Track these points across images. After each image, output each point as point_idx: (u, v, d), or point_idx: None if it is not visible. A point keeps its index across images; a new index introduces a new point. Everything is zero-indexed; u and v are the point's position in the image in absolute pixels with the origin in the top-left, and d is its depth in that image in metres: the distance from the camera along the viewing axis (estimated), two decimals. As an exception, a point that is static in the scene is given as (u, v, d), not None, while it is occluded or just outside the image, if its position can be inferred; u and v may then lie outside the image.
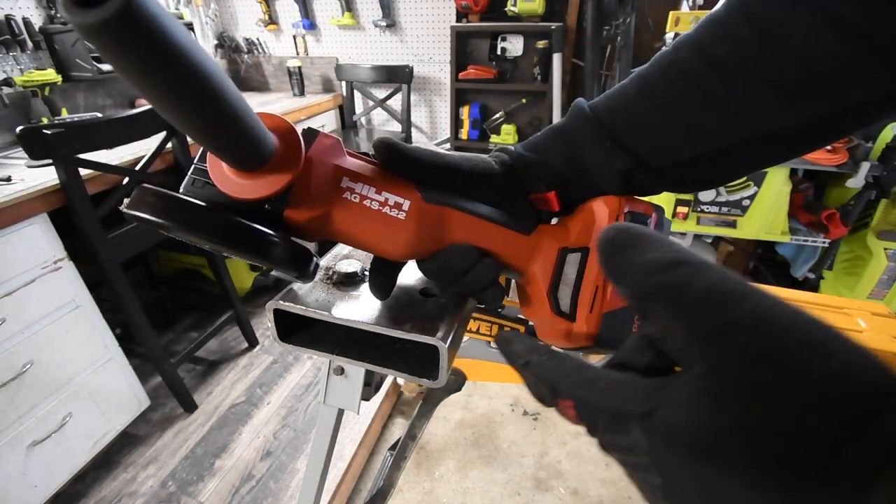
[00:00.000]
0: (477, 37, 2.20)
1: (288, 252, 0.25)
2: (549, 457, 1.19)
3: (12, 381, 1.11)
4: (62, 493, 1.30)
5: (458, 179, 0.29)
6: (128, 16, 0.13)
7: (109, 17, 0.13)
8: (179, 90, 0.17)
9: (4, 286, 1.08)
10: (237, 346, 1.88)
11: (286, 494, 1.30)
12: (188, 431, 1.51)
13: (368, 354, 0.32)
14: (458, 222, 0.29)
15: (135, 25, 0.14)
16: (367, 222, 0.27)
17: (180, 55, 0.16)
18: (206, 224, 0.22)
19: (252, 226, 0.24)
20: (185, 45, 0.16)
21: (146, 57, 0.15)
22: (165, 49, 0.15)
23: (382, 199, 0.27)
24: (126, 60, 0.15)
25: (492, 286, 0.30)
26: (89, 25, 0.13)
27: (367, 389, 0.42)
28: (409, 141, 2.44)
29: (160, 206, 0.21)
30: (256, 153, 0.23)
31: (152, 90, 0.17)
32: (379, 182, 0.27)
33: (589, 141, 0.30)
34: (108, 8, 0.13)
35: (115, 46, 0.14)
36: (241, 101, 0.20)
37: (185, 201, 0.22)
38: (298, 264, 0.26)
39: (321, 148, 0.27)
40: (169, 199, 0.22)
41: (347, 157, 0.28)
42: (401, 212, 0.27)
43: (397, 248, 0.28)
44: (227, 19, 2.65)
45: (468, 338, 0.62)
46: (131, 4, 0.13)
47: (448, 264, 0.29)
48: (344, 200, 0.27)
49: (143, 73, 0.16)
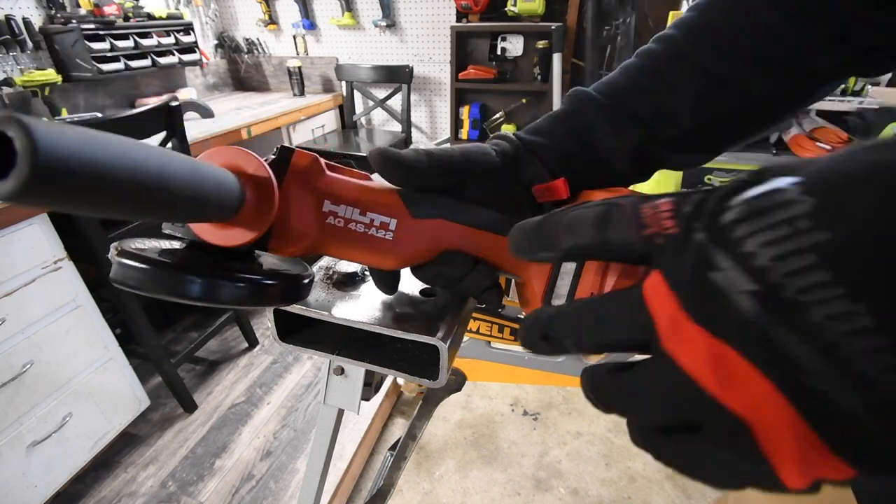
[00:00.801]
0: (477, 37, 2.20)
1: (278, 292, 0.24)
2: (549, 457, 1.19)
3: (12, 381, 1.11)
4: (62, 493, 1.30)
5: (453, 178, 0.28)
6: (40, 178, 0.12)
7: (21, 186, 0.12)
8: (119, 202, 0.16)
9: (4, 286, 1.08)
10: (237, 346, 1.88)
11: (286, 494, 1.30)
12: (188, 431, 1.51)
13: (368, 354, 0.32)
14: (449, 233, 0.28)
15: (52, 181, 0.12)
16: (354, 245, 0.27)
17: (109, 176, 0.14)
18: (181, 289, 0.20)
19: (236, 278, 0.21)
20: (110, 162, 0.14)
21: (76, 197, 0.14)
22: (93, 182, 0.14)
23: (368, 221, 0.26)
24: (58, 206, 0.14)
25: (490, 289, 0.29)
26: (4, 197, 0.12)
27: (367, 389, 0.42)
28: (410, 141, 2.44)
29: (140, 277, 0.20)
30: (223, 210, 0.21)
31: (94, 212, 0.16)
32: (363, 202, 0.26)
33: (598, 119, 0.31)
34: (18, 178, 0.12)
35: (41, 203, 0.13)
36: (194, 171, 0.19)
37: (158, 270, 0.20)
38: (291, 297, 0.25)
39: (298, 170, 0.25)
40: (146, 269, 0.20)
41: (328, 175, 0.26)
42: (388, 232, 0.27)
43: (388, 264, 0.28)
44: (227, 19, 2.65)
45: (468, 338, 0.62)
46: (38, 165, 0.12)
47: (442, 272, 0.29)
48: (328, 226, 0.26)
49: (79, 207, 0.15)
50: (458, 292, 0.30)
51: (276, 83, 2.70)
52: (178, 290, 0.20)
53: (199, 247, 0.23)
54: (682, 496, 1.21)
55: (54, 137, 0.13)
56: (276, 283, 0.23)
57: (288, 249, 0.25)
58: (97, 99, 1.97)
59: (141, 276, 0.20)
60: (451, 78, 2.21)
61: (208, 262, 0.23)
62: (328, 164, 0.27)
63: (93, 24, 1.74)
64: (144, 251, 0.21)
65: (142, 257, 0.20)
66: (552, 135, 0.31)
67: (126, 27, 1.85)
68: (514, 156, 0.30)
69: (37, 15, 1.73)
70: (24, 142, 0.12)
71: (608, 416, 1.56)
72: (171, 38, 2.02)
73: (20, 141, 0.12)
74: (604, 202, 0.17)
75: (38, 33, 1.71)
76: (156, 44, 1.95)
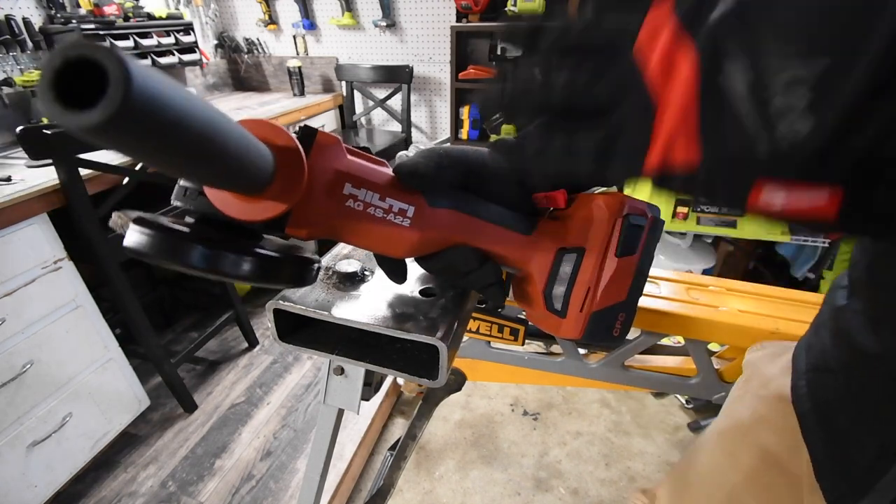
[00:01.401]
0: (477, 37, 2.20)
1: (291, 271, 0.24)
2: (549, 457, 1.19)
3: (12, 381, 1.11)
4: (62, 493, 1.30)
5: (468, 176, 0.29)
6: (129, 110, 0.12)
7: (109, 117, 0.11)
8: (185, 153, 0.16)
9: (4, 286, 1.08)
10: (237, 346, 1.88)
11: (286, 494, 1.30)
12: (188, 431, 1.51)
13: (368, 354, 0.32)
14: (462, 224, 0.29)
15: (137, 116, 0.12)
16: (371, 229, 0.27)
17: (184, 124, 0.14)
18: (198, 259, 0.20)
19: (252, 252, 0.22)
20: (187, 110, 0.14)
21: (152, 139, 0.14)
22: (170, 127, 0.14)
23: (387, 206, 0.27)
24: (130, 147, 0.14)
25: (494, 285, 0.30)
26: (87, 128, 0.12)
27: (367, 389, 0.42)
28: (410, 141, 2.44)
29: (159, 246, 0.20)
30: (259, 181, 0.21)
31: (157, 161, 0.15)
32: (383, 187, 0.27)
33: None
34: (106, 108, 0.11)
35: (118, 140, 0.13)
36: (243, 136, 0.19)
37: (178, 240, 0.20)
38: (302, 279, 0.25)
39: (321, 151, 0.25)
40: (161, 235, 0.20)
41: (348, 158, 0.26)
42: (405, 218, 0.27)
43: (401, 251, 0.28)
44: (227, 19, 2.65)
45: (468, 338, 0.62)
46: (130, 96, 0.12)
47: (451, 265, 0.29)
48: (347, 209, 0.26)
49: (149, 152, 0.15)
50: (464, 286, 0.30)
51: (276, 83, 2.71)
52: (192, 261, 0.20)
53: (209, 222, 0.23)
54: (682, 496, 1.21)
55: (145, 73, 0.12)
56: (290, 260, 0.23)
57: (305, 231, 0.25)
58: (97, 99, 1.97)
59: (160, 244, 0.19)
60: (451, 78, 2.21)
61: (225, 236, 0.22)
62: (348, 149, 0.27)
63: (93, 24, 1.74)
64: (158, 219, 0.20)
65: (162, 226, 0.20)
66: None
67: (126, 27, 1.85)
68: None
69: (37, 15, 1.73)
70: (119, 72, 0.11)
71: (608, 417, 1.56)
72: (170, 38, 2.02)
73: (114, 70, 0.11)
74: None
75: (38, 33, 1.71)
76: (156, 44, 1.95)
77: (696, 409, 1.47)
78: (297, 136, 0.24)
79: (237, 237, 0.23)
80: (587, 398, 1.53)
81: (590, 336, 0.28)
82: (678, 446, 1.36)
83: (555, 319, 0.29)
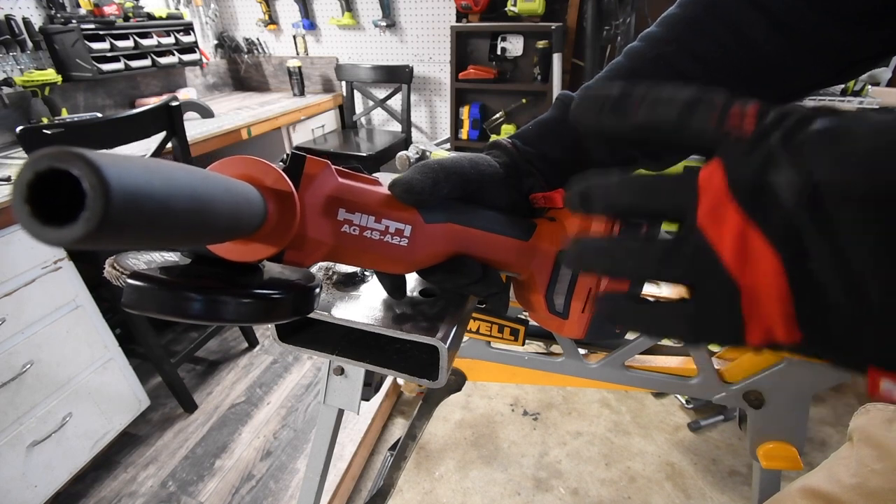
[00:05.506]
0: (477, 37, 2.20)
1: (292, 306, 0.22)
2: (549, 457, 1.19)
3: (12, 381, 1.10)
4: (62, 493, 1.30)
5: (465, 188, 0.29)
6: (111, 218, 0.11)
7: (91, 230, 0.11)
8: (176, 234, 0.15)
9: (4, 286, 1.08)
10: (237, 346, 1.88)
11: (286, 494, 1.30)
12: (188, 431, 1.51)
13: (368, 355, 0.32)
14: (460, 237, 0.29)
15: (121, 220, 0.11)
16: (369, 252, 0.26)
17: (170, 207, 0.13)
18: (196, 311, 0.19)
19: (251, 294, 0.21)
20: (170, 191, 0.13)
21: (140, 233, 0.13)
22: (156, 216, 0.13)
23: (383, 228, 0.26)
24: (118, 245, 0.13)
25: (496, 294, 0.30)
26: (70, 243, 0.11)
27: (367, 389, 0.42)
28: (410, 141, 2.44)
29: (156, 301, 0.19)
30: (249, 227, 0.20)
31: (149, 246, 0.15)
32: (377, 208, 0.26)
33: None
34: (88, 221, 0.11)
35: (104, 244, 0.12)
36: (228, 189, 0.18)
37: (175, 293, 0.19)
38: (303, 311, 0.23)
39: (311, 180, 0.24)
40: (159, 291, 0.19)
41: (339, 182, 0.26)
42: (403, 238, 0.26)
43: (401, 268, 0.28)
44: (227, 19, 2.65)
45: (468, 338, 0.62)
46: (111, 205, 0.11)
47: (453, 277, 0.29)
48: (343, 234, 0.25)
49: (139, 243, 0.14)
50: (466, 293, 0.31)
51: (276, 83, 2.70)
52: (194, 314, 0.19)
53: (203, 260, 0.22)
54: (682, 496, 1.21)
55: (120, 171, 0.11)
56: (291, 296, 0.22)
57: (303, 261, 0.24)
58: (97, 99, 1.97)
59: (160, 301, 0.19)
60: (451, 78, 2.21)
61: (223, 272, 0.22)
62: (339, 170, 0.26)
63: (93, 24, 1.74)
64: (154, 271, 0.20)
65: (159, 281, 0.19)
66: (544, 145, 0.33)
67: (126, 27, 1.85)
68: (513, 166, 0.32)
69: (37, 15, 1.73)
70: (94, 180, 0.11)
71: (608, 417, 1.56)
72: (171, 38, 2.02)
73: (90, 179, 0.11)
74: (695, 90, 0.18)
75: (38, 33, 1.71)
76: (156, 44, 1.95)
77: (696, 409, 1.47)
78: (285, 165, 0.24)
79: (236, 273, 0.23)
80: (587, 398, 1.53)
81: (593, 335, 0.29)
82: (678, 446, 1.36)
83: (557, 321, 0.29)
